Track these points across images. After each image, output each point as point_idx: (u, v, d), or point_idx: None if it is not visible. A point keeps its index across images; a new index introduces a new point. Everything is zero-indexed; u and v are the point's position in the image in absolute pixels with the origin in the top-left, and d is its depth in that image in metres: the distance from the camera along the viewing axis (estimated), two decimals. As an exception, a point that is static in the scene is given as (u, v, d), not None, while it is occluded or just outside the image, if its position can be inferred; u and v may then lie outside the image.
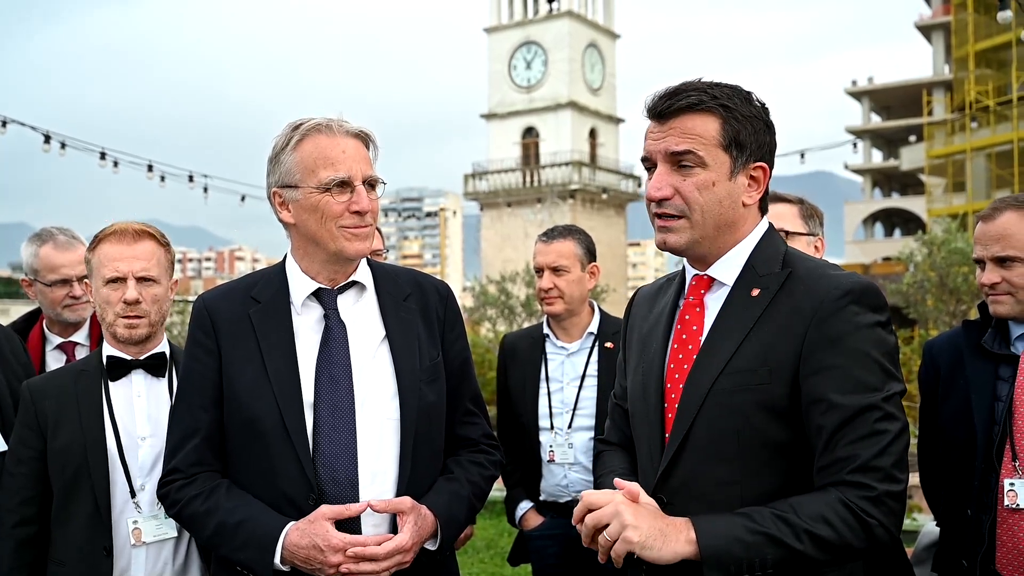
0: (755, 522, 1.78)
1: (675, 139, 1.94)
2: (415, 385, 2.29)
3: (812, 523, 1.76)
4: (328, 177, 2.19)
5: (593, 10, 43.28)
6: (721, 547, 1.76)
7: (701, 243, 1.99)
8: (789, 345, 1.87)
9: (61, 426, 2.60)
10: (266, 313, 2.30)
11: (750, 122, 1.96)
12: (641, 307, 2.27)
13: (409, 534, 2.15)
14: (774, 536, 1.76)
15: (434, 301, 2.44)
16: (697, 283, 2.06)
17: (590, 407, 3.69)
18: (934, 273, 14.62)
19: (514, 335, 4.11)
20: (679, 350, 2.02)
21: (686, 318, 2.04)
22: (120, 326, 2.65)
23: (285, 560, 2.12)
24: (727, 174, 1.95)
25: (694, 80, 2.00)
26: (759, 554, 1.76)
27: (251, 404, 2.22)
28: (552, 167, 40.53)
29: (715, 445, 1.91)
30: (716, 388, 1.90)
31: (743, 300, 1.96)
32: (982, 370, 2.61)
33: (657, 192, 1.96)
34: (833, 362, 1.83)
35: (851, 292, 1.86)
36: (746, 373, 1.88)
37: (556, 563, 3.78)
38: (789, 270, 1.96)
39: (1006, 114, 31.39)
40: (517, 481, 3.90)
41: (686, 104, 1.94)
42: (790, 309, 1.89)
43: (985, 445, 2.52)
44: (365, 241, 2.25)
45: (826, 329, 1.84)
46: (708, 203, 1.95)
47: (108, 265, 2.64)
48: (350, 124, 2.27)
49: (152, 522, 2.57)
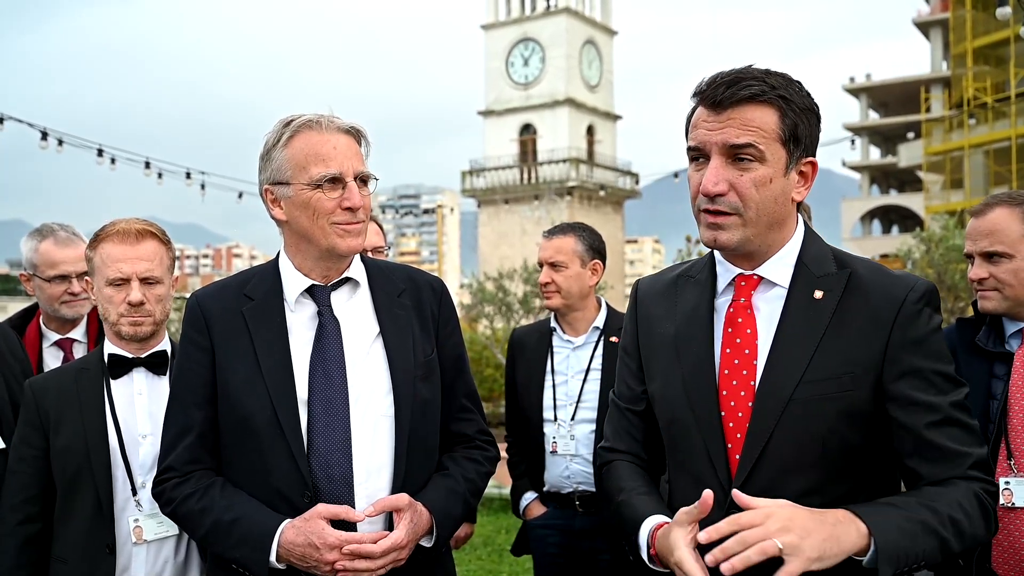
0: (906, 510, 1.75)
1: (735, 131, 1.84)
2: (409, 381, 2.29)
3: (954, 511, 1.76)
4: (319, 173, 2.18)
5: (591, 7, 43.23)
6: (893, 539, 1.69)
7: (752, 241, 1.91)
8: (870, 349, 1.84)
9: (63, 424, 2.60)
10: (259, 310, 2.29)
11: (805, 115, 1.88)
12: (654, 304, 2.14)
13: (405, 531, 2.15)
14: (928, 524, 1.73)
15: (428, 297, 2.43)
16: (746, 283, 1.97)
17: (593, 400, 3.73)
18: (932, 270, 14.61)
19: (523, 329, 4.17)
20: (733, 354, 1.93)
21: (738, 321, 1.95)
22: (124, 325, 2.66)
23: (281, 558, 2.11)
24: (783, 169, 1.88)
25: (749, 67, 1.89)
26: (920, 544, 1.71)
27: (245, 401, 2.21)
28: (549, 164, 40.50)
29: (797, 455, 1.84)
30: (796, 397, 1.83)
31: (807, 303, 1.90)
32: (976, 368, 2.59)
33: (713, 187, 1.85)
34: (920, 364, 1.84)
35: (926, 294, 1.88)
36: (828, 381, 1.83)
37: (556, 552, 3.85)
38: (848, 270, 1.92)
39: (1004, 111, 31.40)
40: (522, 472, 3.97)
41: (748, 95, 1.83)
42: (865, 312, 1.86)
43: None
44: (357, 237, 2.24)
45: (910, 333, 1.84)
46: (764, 200, 1.87)
47: (112, 266, 2.64)
48: (341, 120, 2.25)
49: (153, 520, 2.57)
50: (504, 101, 42.15)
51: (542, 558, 3.91)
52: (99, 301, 2.71)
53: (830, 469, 1.85)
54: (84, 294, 3.35)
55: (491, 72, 42.51)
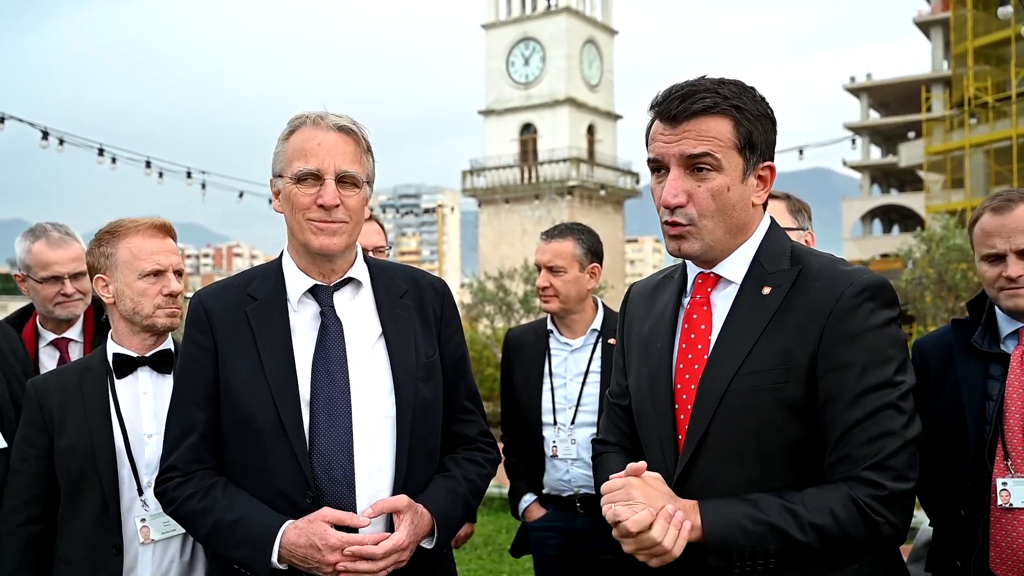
0: (761, 511, 1.80)
1: (691, 142, 1.90)
2: (411, 382, 2.29)
3: (818, 516, 1.78)
4: (298, 168, 2.20)
5: (591, 6, 43.22)
6: (725, 533, 1.78)
7: (714, 248, 1.98)
8: (806, 342, 1.86)
9: (67, 424, 2.60)
10: (262, 310, 2.29)
11: (760, 121, 1.94)
12: (638, 304, 2.24)
13: (406, 533, 2.16)
14: (778, 527, 1.78)
15: (431, 298, 2.43)
16: (703, 281, 2.04)
17: (593, 403, 3.71)
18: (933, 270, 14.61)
19: (518, 329, 4.14)
20: (688, 349, 2.00)
21: (693, 317, 2.02)
22: (161, 316, 2.68)
23: (282, 558, 2.12)
24: (740, 176, 1.94)
25: (702, 79, 1.96)
26: (762, 544, 1.78)
27: (247, 401, 2.22)
28: (550, 164, 40.48)
29: (733, 446, 1.90)
30: (733, 388, 1.88)
31: (754, 298, 1.95)
32: (972, 369, 2.57)
33: (673, 199, 1.92)
34: (851, 359, 1.84)
35: (867, 288, 1.87)
36: (763, 372, 1.87)
37: (556, 554, 3.83)
38: (800, 267, 1.95)
39: (1005, 110, 31.40)
40: (521, 474, 3.95)
41: (702, 107, 1.90)
42: (806, 306, 1.89)
43: (977, 445, 2.49)
44: (332, 237, 2.23)
45: (844, 326, 1.85)
46: (722, 209, 1.93)
47: (147, 258, 2.67)
48: (336, 118, 2.26)
49: (160, 520, 2.57)
50: (505, 101, 42.13)
51: (543, 560, 3.89)
52: (125, 296, 2.68)
53: (769, 461, 1.89)
54: (78, 295, 3.34)
55: (491, 72, 42.49)
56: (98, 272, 2.72)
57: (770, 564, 1.79)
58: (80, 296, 3.36)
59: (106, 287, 2.71)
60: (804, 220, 3.07)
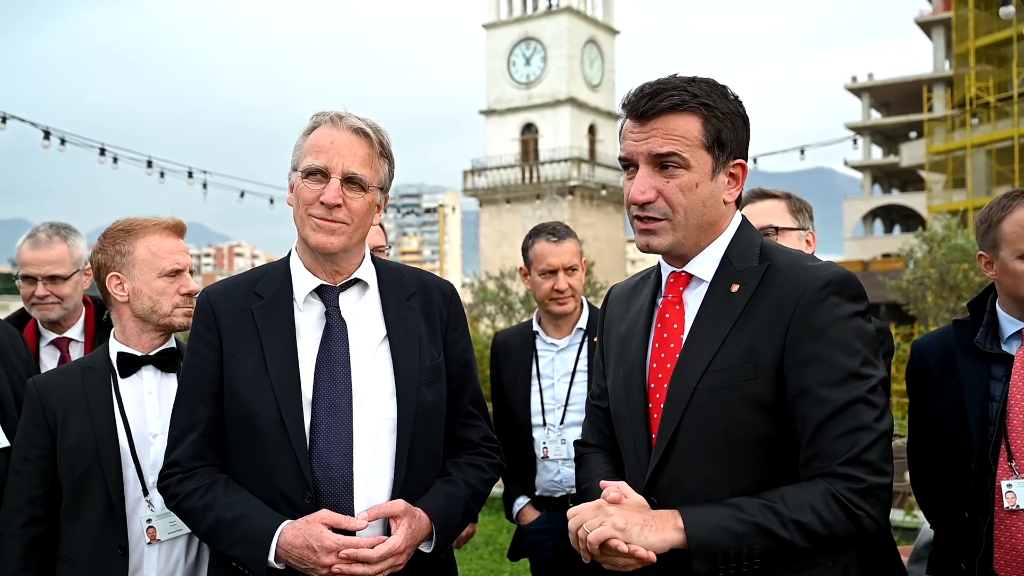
0: (744, 512, 1.79)
1: (658, 140, 1.92)
2: (414, 385, 2.28)
3: (801, 513, 1.77)
4: (307, 163, 2.21)
5: (592, 6, 43.21)
6: (708, 536, 1.77)
7: (684, 243, 1.99)
8: (772, 338, 1.87)
9: (70, 424, 2.59)
10: (268, 308, 2.29)
11: (730, 120, 1.96)
12: (617, 306, 2.26)
13: (402, 536, 2.15)
14: (762, 526, 1.77)
15: (438, 301, 2.43)
16: (675, 280, 2.05)
17: (581, 403, 3.70)
18: (934, 270, 14.60)
19: (505, 333, 4.15)
20: (660, 349, 2.02)
21: (666, 316, 2.04)
22: (179, 316, 2.71)
23: (279, 558, 2.12)
24: (709, 174, 1.95)
25: (672, 77, 1.98)
26: (747, 544, 1.77)
27: (250, 400, 2.22)
28: (551, 163, 40.48)
29: (703, 444, 1.90)
30: (701, 386, 1.89)
31: (723, 296, 1.96)
32: (975, 370, 2.55)
33: (641, 196, 1.94)
34: (817, 353, 1.84)
35: (831, 283, 1.87)
36: (731, 370, 1.88)
37: (552, 556, 3.82)
38: (768, 263, 1.96)
39: (1007, 110, 31.39)
40: (514, 477, 3.94)
41: (669, 105, 1.92)
42: (771, 303, 1.89)
43: (980, 446, 2.47)
44: (330, 236, 2.22)
45: (809, 321, 1.85)
46: (692, 204, 1.94)
47: (167, 257, 2.70)
48: (357, 120, 2.26)
49: (166, 520, 2.57)
50: (506, 100, 42.13)
51: (540, 562, 3.89)
52: (143, 295, 2.67)
53: (739, 459, 1.89)
54: (52, 298, 3.28)
55: (493, 71, 42.49)
56: (112, 270, 2.70)
57: (755, 565, 1.79)
58: (55, 300, 3.29)
59: (120, 285, 2.69)
60: (805, 220, 3.06)
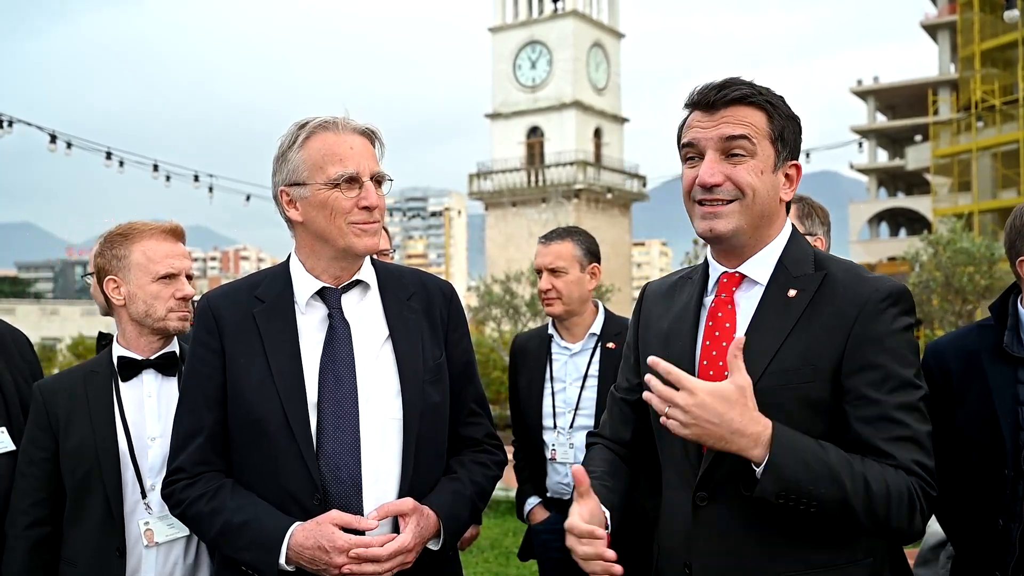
0: (827, 454, 1.83)
1: (730, 126, 1.98)
2: (418, 385, 2.29)
3: (874, 482, 1.82)
4: (337, 173, 2.20)
5: (598, 10, 43.25)
6: (787, 463, 1.80)
7: (746, 231, 2.02)
8: (833, 344, 1.92)
9: (72, 427, 2.61)
10: (270, 312, 2.30)
11: (790, 121, 2.04)
12: (655, 303, 2.28)
13: (411, 534, 2.16)
14: (837, 476, 1.81)
15: (438, 301, 2.44)
16: (728, 280, 2.09)
17: (591, 407, 3.73)
18: (940, 273, 14.54)
19: (524, 336, 4.18)
20: (712, 346, 2.04)
21: (718, 315, 2.07)
22: (173, 320, 2.71)
23: (290, 560, 2.13)
24: (772, 166, 2.01)
25: (735, 77, 2.04)
26: (819, 487, 1.80)
27: (255, 404, 2.22)
28: (557, 167, 40.52)
29: None
30: (760, 386, 1.90)
31: (780, 300, 2.00)
32: (1003, 373, 2.46)
33: (710, 178, 1.98)
34: (876, 360, 1.90)
35: (891, 295, 1.95)
36: (790, 372, 1.93)
37: (560, 557, 3.80)
38: (824, 272, 2.02)
39: (1012, 113, 31.31)
40: (527, 477, 3.99)
41: (738, 95, 1.99)
42: (832, 310, 1.95)
43: (1013, 451, 2.38)
44: (374, 237, 2.26)
45: (870, 330, 1.92)
46: (761, 187, 1.99)
47: (162, 261, 2.70)
48: (355, 122, 2.28)
49: (163, 522, 2.58)
50: (511, 104, 42.18)
51: (547, 563, 3.91)
52: (138, 299, 2.69)
53: None
54: None
55: (498, 75, 42.55)
56: (109, 274, 2.73)
57: (812, 507, 1.81)
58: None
59: (117, 289, 2.72)
60: (813, 225, 3.02)
